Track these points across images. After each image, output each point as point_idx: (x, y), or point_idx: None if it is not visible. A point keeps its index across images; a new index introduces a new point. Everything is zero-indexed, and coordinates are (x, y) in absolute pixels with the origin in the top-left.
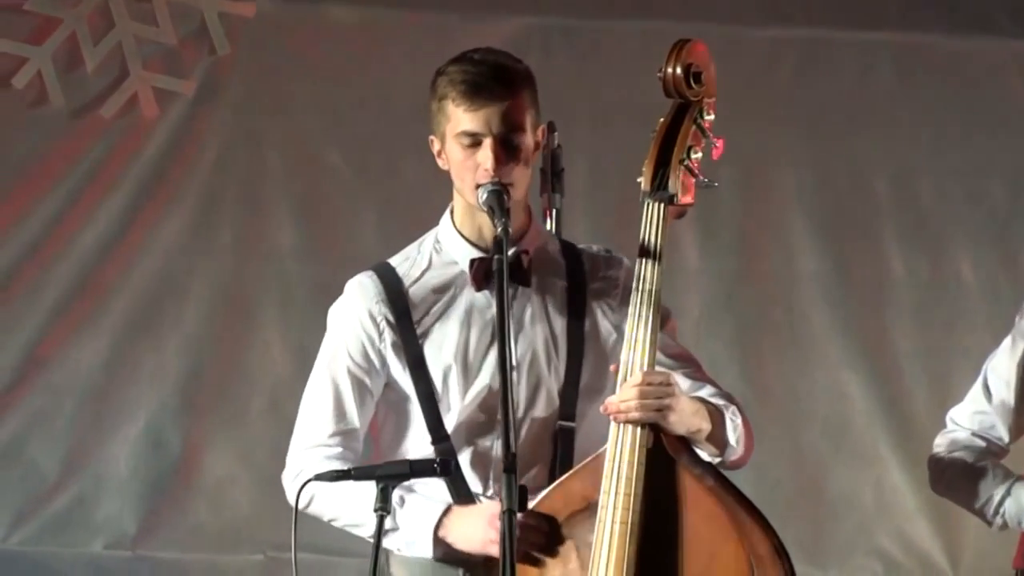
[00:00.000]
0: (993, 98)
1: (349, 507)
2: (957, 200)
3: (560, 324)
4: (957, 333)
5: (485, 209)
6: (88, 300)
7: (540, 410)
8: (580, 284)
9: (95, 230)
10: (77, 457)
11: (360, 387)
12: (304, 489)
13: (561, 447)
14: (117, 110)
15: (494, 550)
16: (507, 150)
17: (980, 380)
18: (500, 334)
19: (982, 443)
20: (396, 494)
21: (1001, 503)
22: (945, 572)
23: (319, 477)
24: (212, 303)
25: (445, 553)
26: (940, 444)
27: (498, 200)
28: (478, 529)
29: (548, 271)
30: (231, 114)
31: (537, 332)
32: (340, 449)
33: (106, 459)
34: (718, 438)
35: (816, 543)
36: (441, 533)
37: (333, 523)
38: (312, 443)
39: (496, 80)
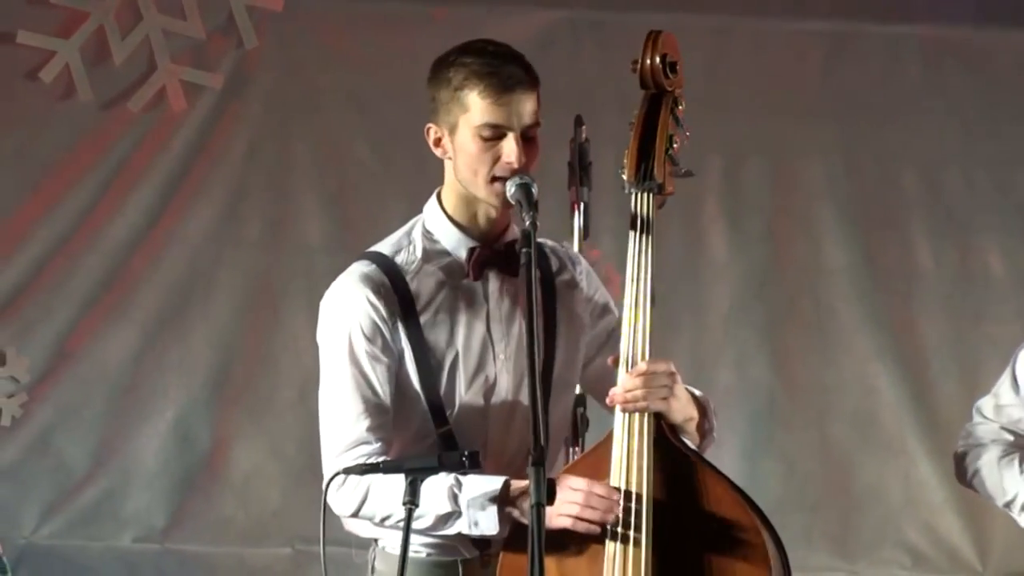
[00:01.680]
0: (1021, 90)
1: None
2: (985, 192)
3: (538, 316)
4: (985, 324)
5: (512, 202)
6: (117, 293)
7: (525, 400)
8: (549, 278)
9: (124, 223)
10: (106, 450)
11: (385, 369)
12: (352, 495)
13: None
14: (145, 103)
15: (560, 522)
16: (527, 143)
17: (1008, 372)
18: (528, 329)
19: (1010, 436)
20: (450, 477)
21: None
22: (973, 565)
23: (347, 471)
24: (240, 296)
25: (512, 527)
26: (966, 436)
27: (526, 194)
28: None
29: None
30: (259, 107)
31: (522, 324)
32: (380, 444)
33: (135, 452)
34: (703, 427)
35: (844, 535)
36: (507, 509)
37: (386, 523)
38: (351, 442)
39: (521, 75)
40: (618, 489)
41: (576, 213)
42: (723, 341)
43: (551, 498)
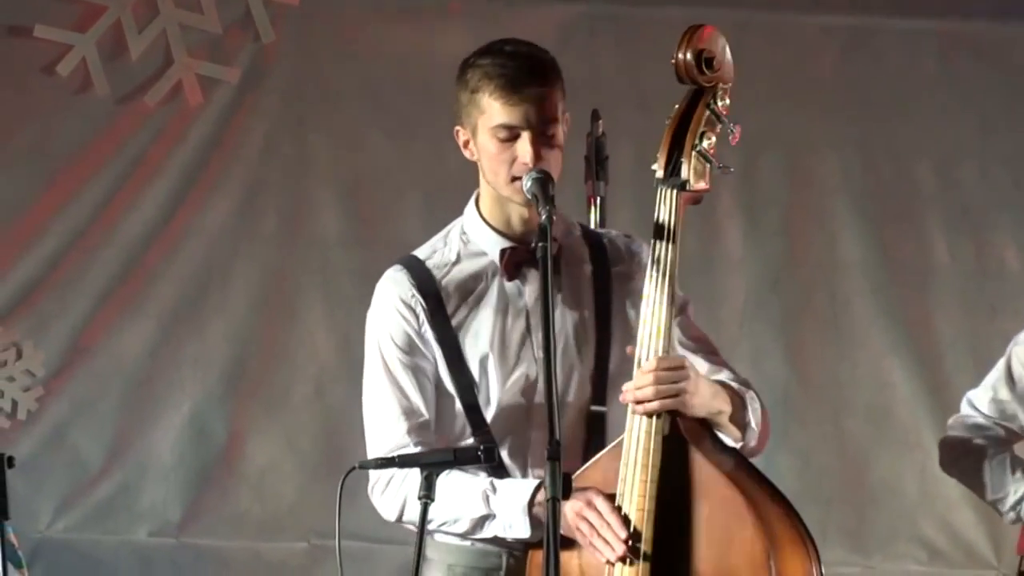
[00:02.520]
0: None
1: (445, 505)
2: (1001, 186)
3: (588, 310)
4: (1000, 319)
5: (528, 197)
6: (133, 287)
7: (573, 396)
8: (604, 269)
9: (140, 217)
10: (121, 444)
11: (418, 375)
12: (393, 501)
13: (593, 433)
14: (162, 97)
15: (578, 537)
16: (543, 142)
17: (1002, 366)
18: (544, 324)
19: (1001, 432)
20: (485, 480)
21: (1019, 502)
22: (988, 559)
23: (363, 465)
24: (256, 290)
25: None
26: (955, 427)
27: (542, 187)
28: (570, 510)
29: (574, 258)
30: (275, 101)
31: (567, 319)
32: (419, 448)
33: (150, 446)
34: (738, 420)
35: (859, 530)
36: (536, 511)
37: (428, 527)
38: (391, 448)
39: (533, 74)
40: (626, 517)
41: (592, 207)
42: (738, 335)
43: (567, 493)
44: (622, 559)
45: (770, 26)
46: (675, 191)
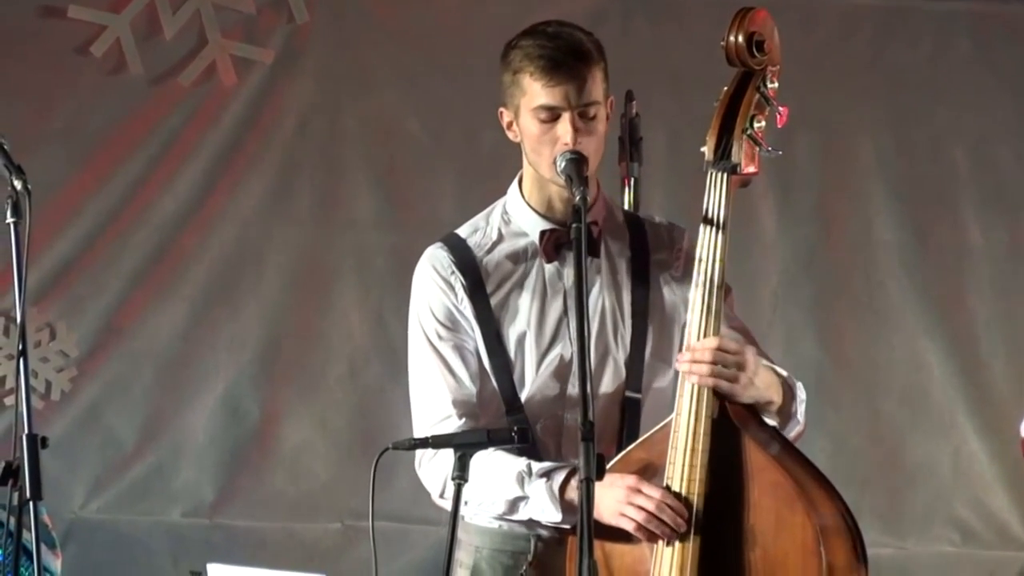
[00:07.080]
0: None
1: (481, 485)
2: None
3: (626, 294)
4: None
5: (563, 178)
6: (167, 268)
7: (608, 380)
8: (644, 255)
9: (174, 198)
10: (155, 425)
11: (461, 349)
12: (436, 476)
13: (628, 418)
14: (196, 78)
15: (625, 523)
16: (584, 123)
17: None
18: (578, 304)
19: None
20: (522, 462)
21: None
22: (1023, 541)
23: (396, 446)
24: (290, 271)
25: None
26: None
27: (577, 168)
28: (612, 499)
29: (614, 242)
30: (309, 82)
31: (604, 302)
32: (464, 420)
33: (184, 427)
34: (786, 411)
35: (894, 512)
36: (568, 497)
37: (466, 505)
38: (437, 420)
39: (574, 56)
40: (670, 489)
41: (626, 188)
42: (772, 317)
43: (600, 474)
44: (672, 540)
45: (804, 8)
46: (725, 174)
